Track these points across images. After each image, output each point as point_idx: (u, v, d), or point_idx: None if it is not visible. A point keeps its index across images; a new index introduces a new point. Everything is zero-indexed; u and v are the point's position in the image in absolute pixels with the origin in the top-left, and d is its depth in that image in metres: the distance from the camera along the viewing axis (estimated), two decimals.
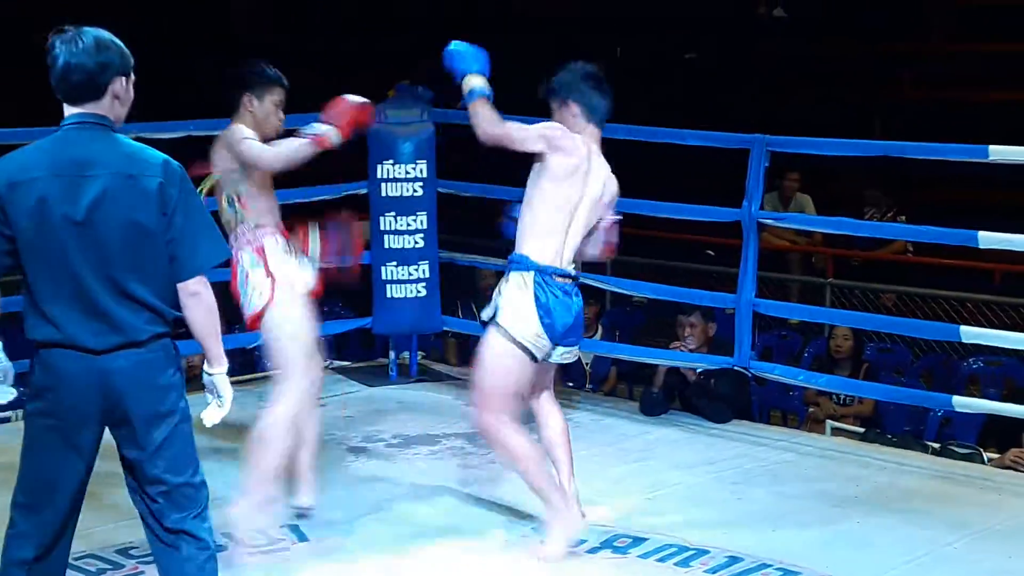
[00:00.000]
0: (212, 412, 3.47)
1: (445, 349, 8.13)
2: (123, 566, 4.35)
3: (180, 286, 3.32)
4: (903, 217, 9.83)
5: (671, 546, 4.57)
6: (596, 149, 4.53)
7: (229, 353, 3.50)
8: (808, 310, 7.39)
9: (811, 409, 7.40)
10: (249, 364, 7.34)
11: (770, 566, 4.44)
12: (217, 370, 3.44)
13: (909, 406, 7.00)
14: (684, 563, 4.47)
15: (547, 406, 4.64)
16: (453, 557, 4.48)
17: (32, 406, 3.31)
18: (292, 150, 4.49)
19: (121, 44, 3.31)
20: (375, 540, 4.62)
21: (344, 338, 7.87)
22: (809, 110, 11.64)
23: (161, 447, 3.31)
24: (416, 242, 6.72)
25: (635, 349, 6.90)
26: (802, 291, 9.42)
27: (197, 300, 3.34)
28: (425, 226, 6.71)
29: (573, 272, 4.48)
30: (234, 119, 4.55)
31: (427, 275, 6.76)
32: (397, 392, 6.67)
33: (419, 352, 7.05)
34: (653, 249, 9.97)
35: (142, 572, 4.30)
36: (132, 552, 4.42)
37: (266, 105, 4.54)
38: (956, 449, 6.20)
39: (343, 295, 8.98)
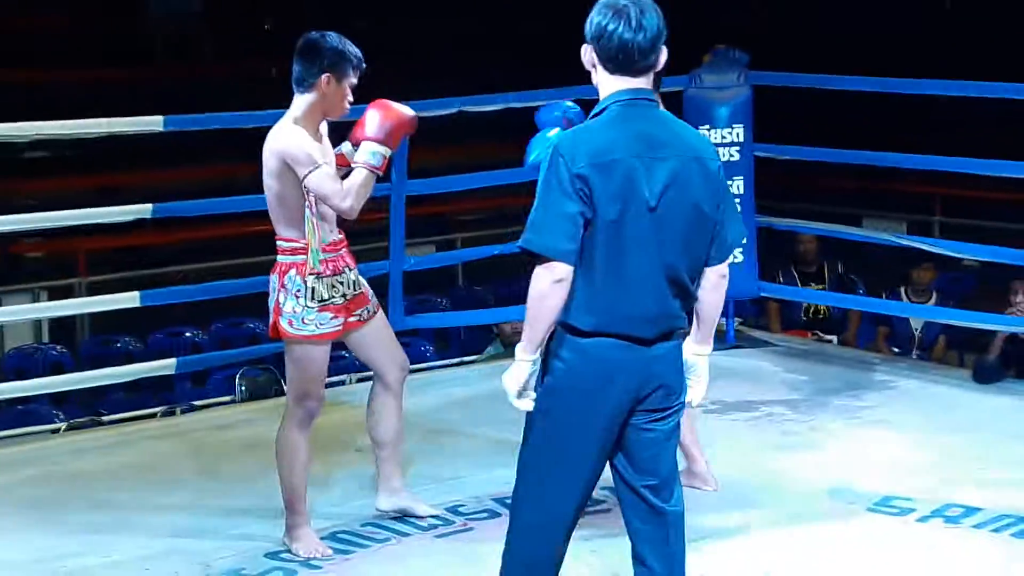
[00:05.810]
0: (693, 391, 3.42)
1: (767, 315, 8.00)
2: (452, 523, 4.49)
3: (713, 269, 3.18)
4: None
5: (1007, 516, 4.38)
6: None
7: None
8: None
9: None
10: None
11: None
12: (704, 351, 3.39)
13: None
14: (1021, 535, 4.27)
15: None
16: (781, 522, 4.42)
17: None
18: (363, 186, 3.99)
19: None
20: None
21: None
22: None
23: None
24: None
25: (971, 314, 6.58)
26: None
27: (724, 282, 3.23)
28: (742, 191, 6.60)
29: None
30: (298, 97, 4.05)
31: (744, 240, 6.67)
32: (713, 358, 6.58)
33: (736, 318, 6.97)
34: (976, 210, 9.47)
35: (471, 528, 4.44)
36: (460, 510, 4.57)
37: (344, 89, 4.08)
38: None
39: None
